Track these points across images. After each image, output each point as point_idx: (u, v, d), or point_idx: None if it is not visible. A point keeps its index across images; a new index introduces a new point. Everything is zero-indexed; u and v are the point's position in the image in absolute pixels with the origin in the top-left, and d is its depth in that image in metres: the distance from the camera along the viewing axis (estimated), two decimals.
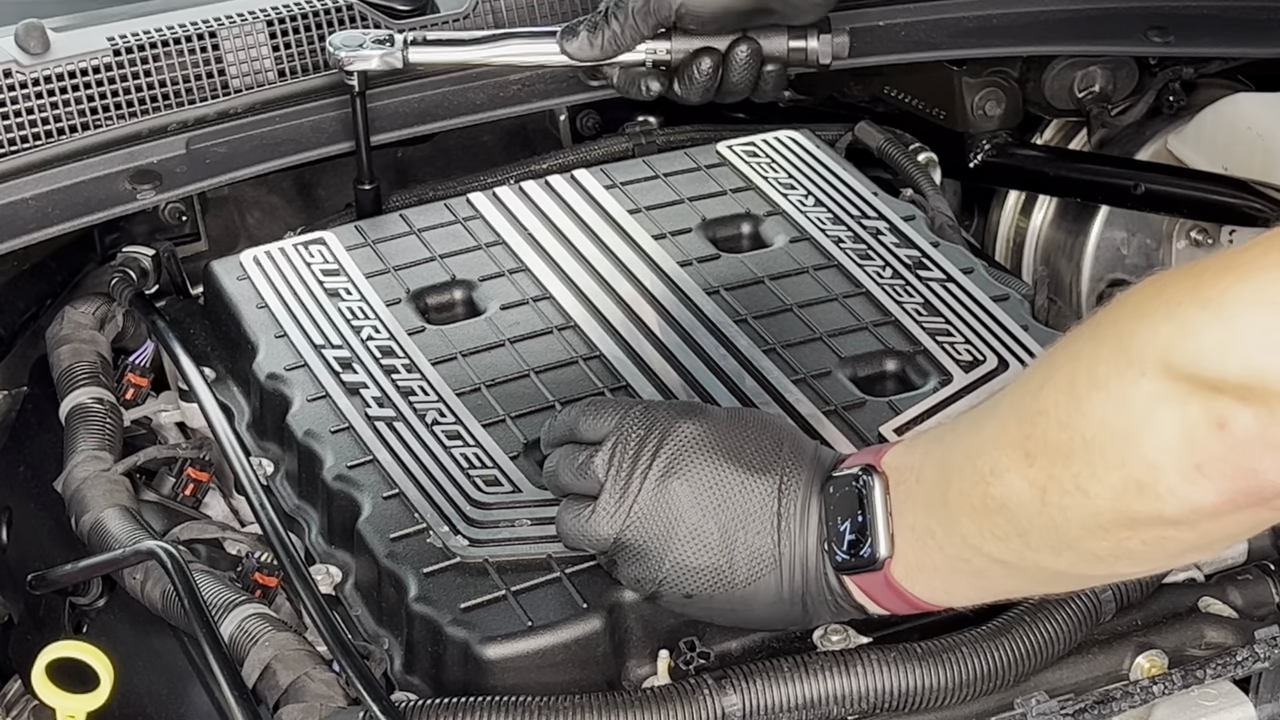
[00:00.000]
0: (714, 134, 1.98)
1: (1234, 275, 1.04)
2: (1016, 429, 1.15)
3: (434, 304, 1.71)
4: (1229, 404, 1.03)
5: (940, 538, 1.22)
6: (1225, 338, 1.03)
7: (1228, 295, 1.04)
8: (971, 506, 1.18)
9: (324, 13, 1.93)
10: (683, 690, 1.30)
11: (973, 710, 1.33)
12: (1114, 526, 1.11)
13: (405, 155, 2.06)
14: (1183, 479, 1.06)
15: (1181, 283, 1.07)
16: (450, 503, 1.45)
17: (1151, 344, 1.06)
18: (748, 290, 1.71)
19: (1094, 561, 1.16)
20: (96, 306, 1.80)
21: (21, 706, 1.74)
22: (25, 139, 1.81)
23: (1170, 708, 1.37)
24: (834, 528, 1.28)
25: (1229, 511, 1.07)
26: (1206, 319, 1.04)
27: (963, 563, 1.21)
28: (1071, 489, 1.11)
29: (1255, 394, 1.03)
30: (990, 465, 1.16)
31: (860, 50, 2.00)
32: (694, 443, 1.31)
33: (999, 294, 1.70)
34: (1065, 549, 1.15)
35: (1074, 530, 1.13)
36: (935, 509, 1.22)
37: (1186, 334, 1.05)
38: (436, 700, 1.30)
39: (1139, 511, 1.09)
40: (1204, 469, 1.05)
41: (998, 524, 1.17)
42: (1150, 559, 1.17)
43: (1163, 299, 1.07)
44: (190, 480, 1.63)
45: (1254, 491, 1.06)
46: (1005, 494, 1.15)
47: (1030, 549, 1.17)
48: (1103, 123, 2.21)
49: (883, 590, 1.27)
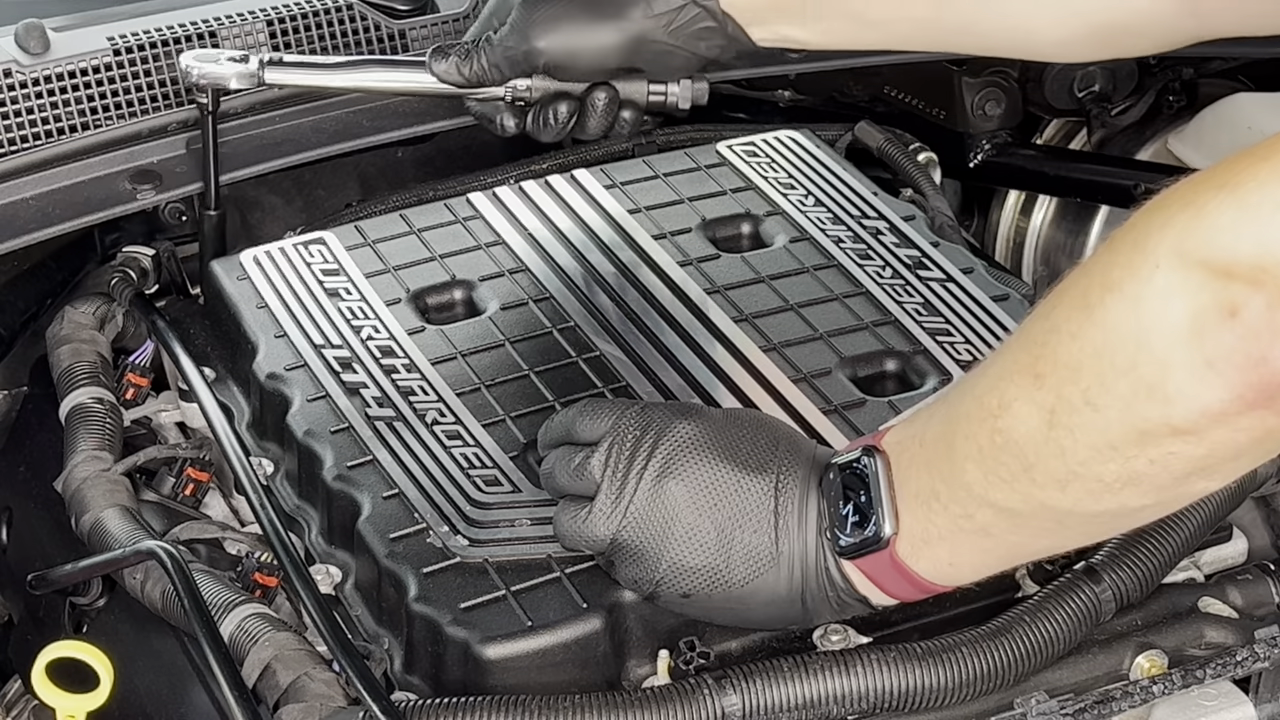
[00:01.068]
0: (714, 134, 1.98)
1: (1251, 158, 1.04)
2: (1025, 354, 1.15)
3: (434, 304, 1.71)
4: (1241, 289, 1.03)
5: (945, 497, 1.22)
6: (1239, 216, 1.03)
7: (1243, 175, 1.04)
8: (978, 449, 1.18)
9: (324, 13, 1.93)
10: (683, 690, 1.30)
11: (973, 710, 1.33)
12: (1122, 443, 1.11)
13: (405, 155, 2.06)
14: (1192, 376, 1.06)
15: (1198, 177, 1.07)
16: (450, 503, 1.45)
17: (1167, 233, 1.06)
18: (748, 290, 1.71)
19: (1101, 490, 1.15)
20: (96, 306, 1.80)
21: (21, 706, 1.74)
22: (25, 139, 1.81)
23: (1170, 708, 1.37)
24: (835, 513, 1.28)
25: (1237, 412, 1.06)
26: (1222, 199, 1.04)
27: (966, 520, 1.21)
28: (1080, 404, 1.11)
29: (1268, 275, 1.02)
30: (998, 399, 1.16)
31: (860, 50, 2.00)
32: (689, 443, 1.32)
33: (999, 294, 1.70)
34: (1071, 480, 1.15)
35: (1082, 452, 1.13)
36: (939, 465, 1.22)
37: (1202, 216, 1.05)
38: (436, 700, 1.30)
39: (1147, 419, 1.09)
40: (1214, 364, 1.05)
41: (1003, 463, 1.17)
42: (1158, 484, 1.15)
43: (1179, 191, 1.07)
44: (190, 480, 1.63)
45: (1263, 385, 1.05)
46: (1012, 425, 1.15)
47: (1036, 485, 1.16)
48: (1103, 123, 2.22)
49: (888, 572, 1.27)
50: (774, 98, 2.22)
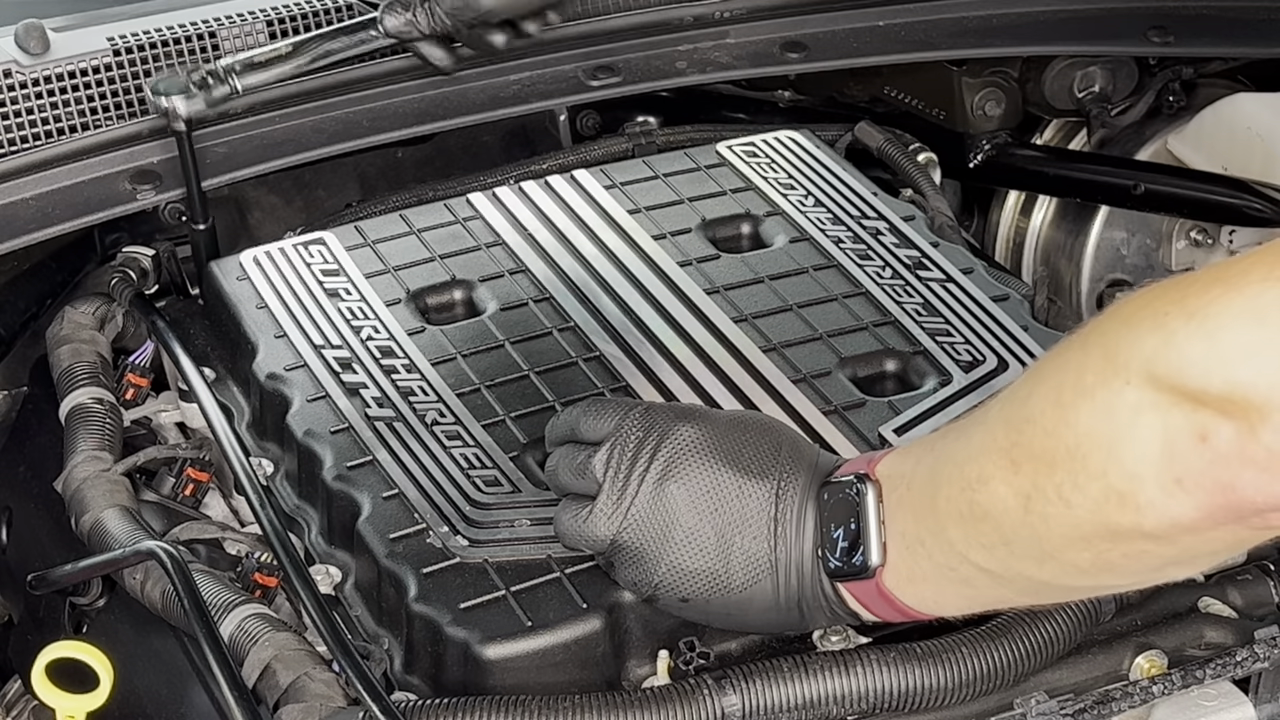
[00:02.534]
0: (714, 134, 1.98)
1: (1221, 287, 1.04)
2: (1004, 436, 1.15)
3: (434, 304, 1.71)
4: (1211, 417, 1.03)
5: (929, 545, 1.22)
6: (1209, 351, 1.03)
7: (1213, 308, 1.04)
8: (959, 513, 1.18)
9: (324, 13, 1.93)
10: (682, 690, 1.30)
11: (973, 710, 1.33)
12: (1095, 538, 1.12)
13: (405, 155, 2.06)
14: (1162, 491, 1.06)
15: (1170, 293, 1.07)
16: (450, 503, 1.45)
17: (1137, 353, 1.06)
18: (748, 290, 1.71)
19: (1076, 573, 1.16)
20: (96, 306, 1.80)
21: (21, 706, 1.74)
22: (25, 139, 1.81)
23: (1170, 708, 1.37)
24: (828, 534, 1.28)
25: (1207, 527, 1.07)
26: (1191, 331, 1.04)
27: (950, 571, 1.22)
28: (1054, 498, 1.11)
29: (1237, 408, 1.02)
30: (977, 472, 1.16)
31: (860, 50, 2.00)
32: (692, 447, 1.31)
33: (999, 294, 1.70)
34: (1047, 559, 1.15)
35: (1056, 540, 1.13)
36: (924, 516, 1.22)
37: (1171, 345, 1.05)
38: (436, 700, 1.30)
39: (1119, 523, 1.09)
40: (1183, 482, 1.05)
41: (983, 531, 1.17)
42: (1132, 572, 1.17)
43: (1151, 309, 1.07)
44: (190, 480, 1.63)
45: (1232, 507, 1.05)
46: (990, 501, 1.15)
47: (1014, 558, 1.17)
48: (1103, 123, 2.22)
49: (875, 598, 1.27)
50: (774, 98, 2.22)
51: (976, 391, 1.57)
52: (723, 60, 2.02)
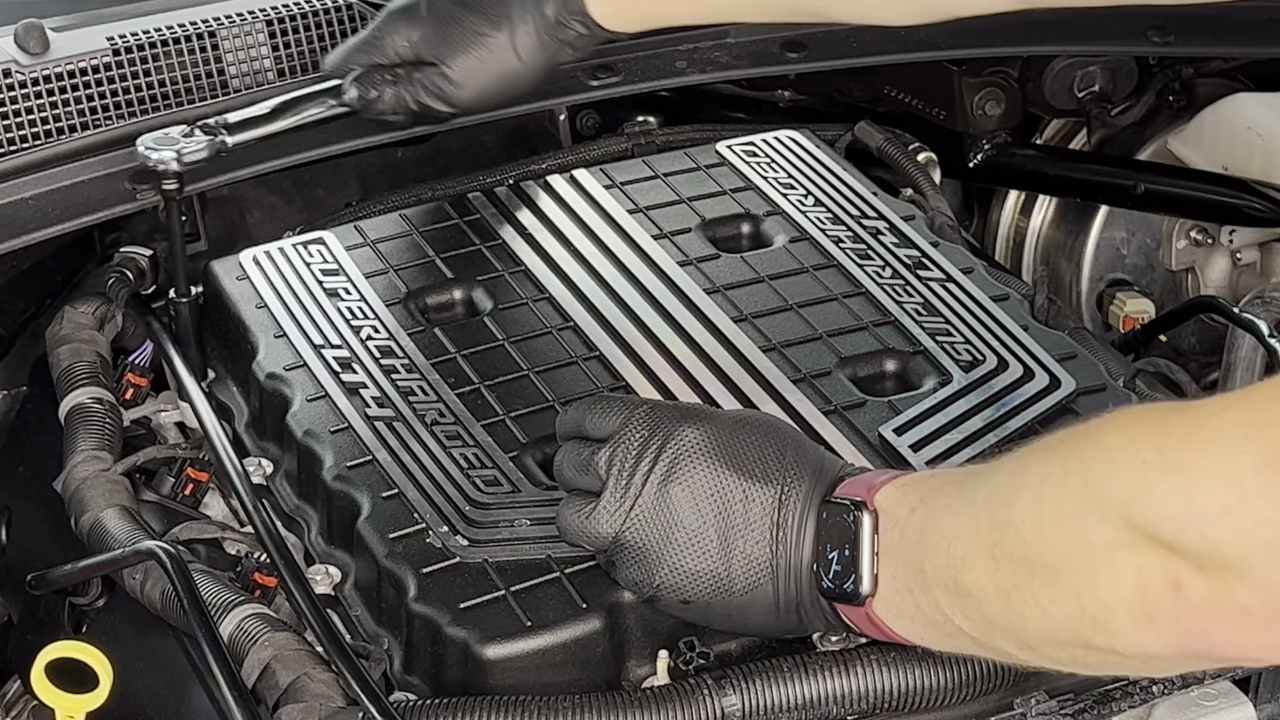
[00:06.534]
0: (714, 134, 1.98)
1: (1199, 444, 1.04)
2: (987, 531, 1.15)
3: (434, 304, 1.71)
4: (1186, 568, 1.04)
5: (917, 596, 1.22)
6: (1185, 508, 1.03)
7: (1191, 465, 1.04)
8: (944, 584, 1.19)
9: (324, 13, 1.93)
10: (682, 690, 1.30)
11: (973, 710, 1.33)
12: (1071, 644, 1.13)
13: (405, 155, 2.06)
14: (1134, 626, 1.08)
15: (1149, 437, 1.07)
16: (449, 503, 1.45)
17: (1115, 496, 1.07)
18: (747, 290, 1.71)
19: (1055, 663, 1.19)
20: (96, 306, 1.80)
21: (21, 706, 1.74)
22: (25, 139, 1.81)
23: (1170, 708, 1.37)
24: (823, 554, 1.28)
25: (1179, 662, 1.10)
26: (1169, 487, 1.05)
27: (936, 625, 1.22)
28: (1031, 603, 1.13)
29: (1212, 564, 1.03)
30: (962, 554, 1.17)
31: (860, 50, 2.00)
32: (696, 448, 1.31)
33: (999, 294, 1.70)
34: (1028, 648, 1.17)
35: (1033, 637, 1.15)
36: (914, 572, 1.22)
37: (1149, 496, 1.05)
38: (436, 700, 1.30)
39: (1092, 640, 1.11)
40: (1155, 622, 1.06)
41: (968, 606, 1.18)
42: (1111, 670, 1.21)
43: (1129, 452, 1.07)
44: (189, 480, 1.63)
45: (1203, 652, 1.07)
46: (973, 584, 1.16)
47: (995, 637, 1.18)
48: (1103, 123, 2.22)
49: (865, 622, 1.28)
50: (774, 98, 2.22)
51: (976, 391, 1.57)
52: (722, 60, 2.02)
